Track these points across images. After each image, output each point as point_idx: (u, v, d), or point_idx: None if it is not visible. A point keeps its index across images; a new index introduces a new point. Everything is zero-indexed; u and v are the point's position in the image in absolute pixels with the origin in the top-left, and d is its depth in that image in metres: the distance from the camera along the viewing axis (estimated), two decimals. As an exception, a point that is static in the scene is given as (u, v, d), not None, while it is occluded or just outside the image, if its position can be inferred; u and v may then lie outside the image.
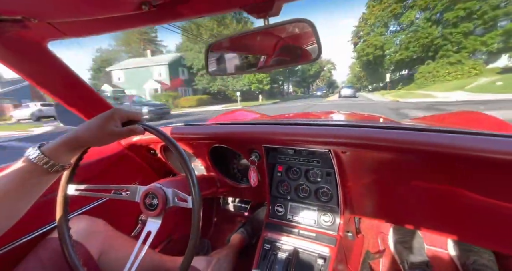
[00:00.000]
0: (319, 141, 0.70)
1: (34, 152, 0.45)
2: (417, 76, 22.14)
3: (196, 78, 27.15)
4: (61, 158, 0.47)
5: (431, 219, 0.71)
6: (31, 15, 0.42)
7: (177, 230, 1.22)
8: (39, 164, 0.44)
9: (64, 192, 0.58)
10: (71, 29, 0.49)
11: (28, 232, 0.68)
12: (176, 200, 0.60)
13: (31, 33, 0.50)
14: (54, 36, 0.51)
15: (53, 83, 0.65)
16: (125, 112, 0.54)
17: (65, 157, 0.48)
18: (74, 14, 0.42)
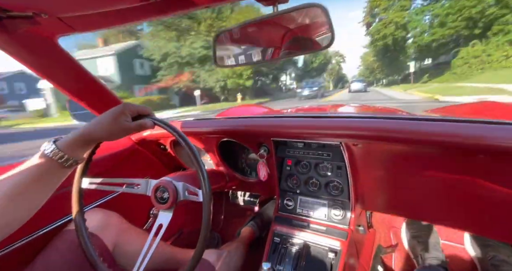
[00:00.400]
0: (330, 133, 0.68)
1: (49, 146, 0.46)
2: (457, 63, 15.86)
3: (159, 73, 19.46)
4: (75, 153, 0.48)
5: (447, 213, 0.69)
6: (41, 10, 0.42)
7: (188, 223, 1.24)
8: (54, 158, 0.45)
9: (79, 185, 0.60)
10: (80, 23, 0.50)
11: (46, 225, 0.70)
12: (186, 193, 0.61)
13: (42, 29, 0.50)
14: (64, 31, 0.52)
15: (64, 79, 0.66)
16: (135, 107, 0.55)
17: (79, 151, 0.50)
18: (82, 8, 0.42)
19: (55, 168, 0.46)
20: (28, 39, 0.52)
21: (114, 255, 0.69)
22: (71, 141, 0.48)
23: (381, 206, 0.82)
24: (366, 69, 48.70)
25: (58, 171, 0.47)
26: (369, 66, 43.70)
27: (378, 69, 38.94)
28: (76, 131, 0.49)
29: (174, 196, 0.60)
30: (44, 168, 0.45)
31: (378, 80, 47.21)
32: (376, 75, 44.07)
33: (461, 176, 0.61)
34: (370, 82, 55.14)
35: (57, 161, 0.46)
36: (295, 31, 0.44)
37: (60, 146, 0.46)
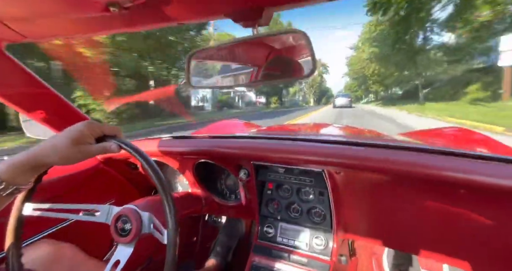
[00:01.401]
0: (313, 160, 0.66)
1: None
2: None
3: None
4: (17, 180, 0.41)
5: (428, 244, 0.68)
6: None
7: (158, 251, 1.12)
8: None
9: (19, 212, 0.50)
10: (31, 31, 0.43)
11: None
12: (151, 227, 0.54)
13: None
14: (11, 38, 0.45)
15: (13, 92, 0.57)
16: (99, 126, 0.48)
17: (23, 177, 0.42)
18: (31, 13, 0.36)
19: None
20: None
21: None
22: (12, 165, 0.40)
23: (364, 234, 0.80)
24: (354, 79, 38.21)
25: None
26: (359, 72, 32.13)
27: (376, 75, 27.16)
28: (23, 153, 0.42)
29: (138, 229, 0.53)
30: None
31: (366, 94, 42.27)
32: (370, 86, 33.73)
33: (442, 208, 0.60)
34: (358, 96, 48.80)
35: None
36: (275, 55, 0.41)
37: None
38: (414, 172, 0.54)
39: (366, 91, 41.84)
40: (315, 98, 58.02)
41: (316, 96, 59.07)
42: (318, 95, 60.59)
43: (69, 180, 0.81)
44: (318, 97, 62.71)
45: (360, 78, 34.80)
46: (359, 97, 55.89)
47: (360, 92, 46.15)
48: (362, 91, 43.82)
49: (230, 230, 1.21)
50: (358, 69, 32.34)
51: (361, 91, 45.32)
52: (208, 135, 0.92)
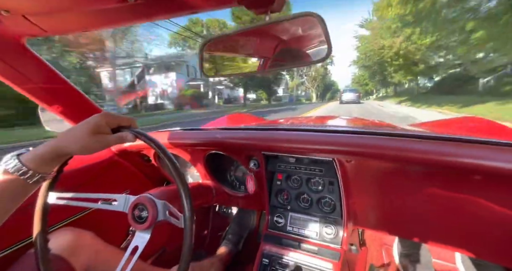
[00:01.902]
0: (323, 149, 0.65)
1: (11, 161, 0.41)
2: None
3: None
4: (42, 168, 0.43)
5: (439, 232, 0.68)
6: (2, 6, 0.37)
7: (172, 240, 1.16)
8: (16, 174, 0.41)
9: (44, 200, 0.53)
10: (51, 25, 0.44)
11: (4, 248, 0.62)
12: (167, 214, 0.56)
13: (5, 28, 0.45)
14: (32, 32, 0.46)
15: (34, 85, 0.59)
16: (115, 117, 0.50)
17: (47, 166, 0.45)
18: (50, 7, 0.37)
19: (18, 185, 0.42)
20: None
21: None
22: (37, 155, 0.43)
23: (374, 224, 0.80)
24: (365, 68, 27.77)
25: (21, 188, 0.43)
26: (373, 57, 21.72)
27: (399, 59, 19.00)
28: (46, 144, 0.44)
29: (154, 216, 0.55)
30: (4, 185, 0.40)
31: (379, 87, 36.69)
32: (386, 77, 25.44)
33: (454, 196, 0.60)
34: (368, 91, 45.02)
35: (20, 178, 0.41)
36: (288, 41, 0.41)
37: (24, 161, 0.41)
38: (426, 160, 0.54)
39: (381, 83, 31.89)
40: (318, 93, 49.58)
41: (320, 90, 50.33)
42: (322, 89, 51.74)
43: (87, 171, 0.84)
44: (322, 91, 54.44)
45: (374, 65, 24.08)
46: (369, 91, 49.75)
47: (371, 85, 39.44)
48: (374, 83, 36.08)
49: (242, 220, 1.23)
50: (371, 53, 21.59)
51: (372, 84, 38.74)
52: (218, 127, 0.94)
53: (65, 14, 0.41)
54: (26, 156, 0.42)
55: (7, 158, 0.41)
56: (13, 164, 0.40)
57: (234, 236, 1.17)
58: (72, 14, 0.41)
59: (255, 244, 0.86)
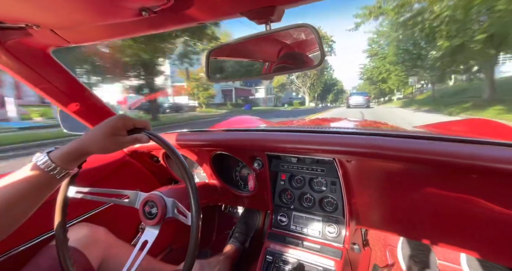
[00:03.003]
0: (323, 149, 0.68)
1: (42, 158, 0.45)
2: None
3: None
4: (67, 165, 0.48)
5: (443, 233, 0.68)
6: (34, 22, 0.42)
7: (178, 239, 1.20)
8: (46, 170, 0.45)
9: (65, 194, 0.57)
10: (74, 36, 0.50)
11: (29, 239, 0.67)
12: (175, 211, 0.59)
13: (34, 40, 0.50)
14: (57, 43, 0.52)
15: (57, 90, 0.65)
16: (131, 120, 0.54)
17: (71, 164, 0.49)
18: (76, 22, 0.42)
19: (47, 179, 0.46)
20: (20, 50, 0.52)
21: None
22: (64, 153, 0.47)
23: (376, 223, 0.80)
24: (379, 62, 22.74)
25: (49, 183, 0.47)
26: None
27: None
28: (71, 143, 0.48)
29: (163, 212, 0.59)
30: (35, 179, 0.44)
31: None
32: (425, 69, 15.70)
33: (456, 196, 0.60)
34: (384, 91, 30.34)
35: (49, 173, 0.45)
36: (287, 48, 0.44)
37: (53, 158, 0.45)
38: (427, 160, 0.55)
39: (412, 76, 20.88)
40: (315, 94, 37.15)
41: (317, 91, 37.04)
42: (320, 89, 37.83)
43: (101, 169, 0.89)
44: (321, 93, 40.01)
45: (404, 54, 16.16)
46: (386, 91, 32.09)
47: (394, 82, 25.53)
48: (402, 80, 23.94)
49: (248, 219, 1.26)
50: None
51: (397, 79, 24.43)
52: (223, 129, 0.97)
53: (87, 27, 0.46)
54: (54, 154, 0.46)
55: (38, 155, 0.46)
56: (44, 160, 0.45)
57: (240, 235, 1.19)
58: (93, 26, 0.46)
59: (261, 243, 0.88)
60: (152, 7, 0.38)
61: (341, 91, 51.33)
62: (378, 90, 34.20)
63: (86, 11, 0.39)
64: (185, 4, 0.39)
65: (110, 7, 0.37)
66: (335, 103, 37.42)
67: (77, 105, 0.73)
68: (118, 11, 0.38)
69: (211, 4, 0.40)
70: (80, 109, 0.74)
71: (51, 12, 0.39)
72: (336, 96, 48.81)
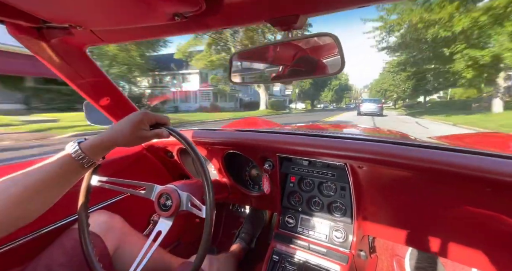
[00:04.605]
0: (336, 154, 0.69)
1: (74, 147, 0.49)
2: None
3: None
4: (95, 156, 0.51)
5: (454, 245, 0.67)
6: (77, 23, 0.46)
7: (187, 234, 1.23)
8: (76, 158, 0.48)
9: (88, 181, 0.62)
10: (109, 36, 0.54)
11: (54, 221, 0.72)
12: (189, 205, 0.62)
13: (74, 39, 0.55)
14: (93, 42, 0.56)
15: (88, 85, 0.70)
16: (153, 116, 0.57)
17: (99, 154, 0.52)
18: (114, 23, 0.46)
19: (76, 167, 0.49)
20: (60, 47, 0.57)
21: (113, 258, 0.70)
22: (93, 144, 0.50)
23: (385, 232, 0.80)
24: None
25: (77, 171, 0.50)
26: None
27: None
28: (99, 135, 0.52)
29: (177, 205, 0.61)
30: (65, 167, 0.48)
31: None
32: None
33: (469, 209, 0.59)
34: (403, 96, 23.86)
35: (78, 162, 0.49)
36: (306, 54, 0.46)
37: (83, 148, 0.49)
38: (440, 170, 0.55)
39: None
40: (302, 95, 26.52)
41: (313, 90, 26.79)
42: (310, 82, 26.94)
43: (119, 162, 0.94)
44: (311, 88, 28.43)
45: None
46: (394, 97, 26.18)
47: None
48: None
49: (255, 219, 1.28)
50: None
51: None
52: (236, 129, 1.00)
53: (122, 28, 0.50)
54: (84, 144, 0.50)
55: (70, 144, 0.49)
56: (75, 150, 0.48)
57: (247, 235, 1.21)
58: (128, 28, 0.50)
59: (266, 243, 0.89)
60: (185, 12, 0.41)
61: (345, 88, 33.92)
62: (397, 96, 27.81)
63: (125, 14, 0.43)
64: (215, 11, 0.42)
65: (147, 11, 0.40)
66: (338, 104, 23.99)
67: (104, 100, 0.78)
68: (154, 15, 0.42)
69: (239, 11, 0.42)
70: (106, 103, 0.79)
71: (93, 14, 0.43)
72: (339, 95, 33.67)
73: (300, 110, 27.94)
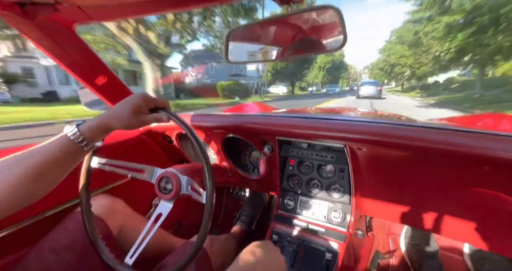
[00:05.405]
0: (335, 135, 0.68)
1: (72, 130, 0.48)
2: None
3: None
4: (95, 138, 0.50)
5: (447, 222, 0.69)
6: None
7: (188, 217, 1.26)
8: (75, 141, 0.48)
9: (89, 163, 0.61)
10: (98, 13, 0.51)
11: (58, 204, 0.72)
12: (189, 189, 0.62)
13: (61, 16, 0.52)
14: (82, 19, 0.53)
15: (80, 66, 0.68)
16: (153, 99, 0.55)
17: (98, 137, 0.52)
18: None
19: (75, 150, 0.49)
20: (47, 26, 0.54)
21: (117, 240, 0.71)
22: (91, 126, 0.50)
23: (382, 211, 0.82)
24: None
25: (77, 154, 0.49)
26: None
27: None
28: (97, 118, 0.51)
29: (177, 189, 0.61)
30: (65, 149, 0.47)
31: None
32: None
33: (462, 186, 0.60)
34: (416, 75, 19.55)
35: (78, 144, 0.48)
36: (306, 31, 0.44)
37: (82, 131, 0.48)
38: (438, 149, 0.55)
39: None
40: (279, 75, 21.51)
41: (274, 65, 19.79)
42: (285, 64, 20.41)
43: (118, 146, 0.94)
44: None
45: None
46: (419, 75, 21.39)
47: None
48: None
49: (255, 202, 1.31)
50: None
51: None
52: (235, 113, 0.99)
53: (111, 4, 0.47)
54: (82, 127, 0.49)
55: (68, 127, 0.48)
56: (74, 132, 0.47)
57: (247, 217, 1.24)
58: (116, 4, 0.47)
59: (266, 225, 0.92)
60: (177, -16, 0.38)
61: (340, 66, 26.78)
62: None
63: None
64: (209, -17, 0.39)
65: None
66: (332, 88, 18.42)
67: (97, 82, 0.75)
68: None
69: None
70: (100, 85, 0.77)
71: None
72: (333, 75, 26.23)
73: (273, 95, 20.61)
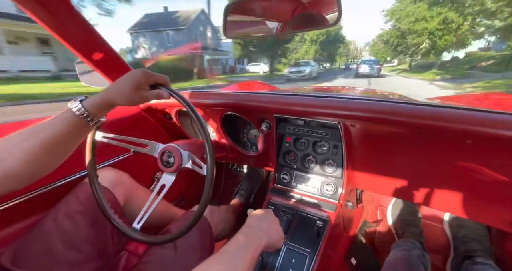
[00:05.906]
0: (329, 112, 0.71)
1: (76, 105, 0.49)
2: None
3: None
4: (99, 114, 0.52)
5: (434, 195, 0.74)
6: None
7: (190, 190, 1.33)
8: (80, 116, 0.49)
9: (93, 137, 0.64)
10: None
11: (69, 174, 0.77)
12: (190, 163, 0.65)
13: None
14: None
15: (78, 41, 0.67)
16: (153, 75, 0.55)
17: (102, 112, 0.53)
18: None
19: (81, 125, 0.50)
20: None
21: (124, 210, 0.77)
22: (95, 102, 0.51)
23: (372, 185, 0.88)
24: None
25: (83, 129, 0.51)
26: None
27: None
28: (100, 94, 0.52)
29: (179, 163, 0.65)
30: (72, 123, 0.49)
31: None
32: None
33: (449, 161, 0.64)
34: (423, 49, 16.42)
35: (83, 119, 0.50)
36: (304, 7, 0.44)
37: (85, 106, 0.49)
38: (427, 125, 0.57)
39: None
40: (257, 51, 18.93)
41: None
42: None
43: (119, 123, 0.96)
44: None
45: None
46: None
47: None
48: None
49: (252, 177, 1.37)
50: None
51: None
52: (234, 91, 1.00)
53: None
54: (86, 102, 0.50)
55: (73, 102, 0.49)
56: (78, 108, 0.49)
57: (246, 191, 1.31)
58: None
59: (263, 199, 0.97)
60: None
61: (336, 39, 23.22)
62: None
63: None
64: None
65: None
66: (298, 69, 14.96)
67: (96, 56, 0.75)
68: None
69: None
70: (98, 60, 0.76)
71: None
72: (328, 50, 22.82)
73: (249, 75, 17.46)
